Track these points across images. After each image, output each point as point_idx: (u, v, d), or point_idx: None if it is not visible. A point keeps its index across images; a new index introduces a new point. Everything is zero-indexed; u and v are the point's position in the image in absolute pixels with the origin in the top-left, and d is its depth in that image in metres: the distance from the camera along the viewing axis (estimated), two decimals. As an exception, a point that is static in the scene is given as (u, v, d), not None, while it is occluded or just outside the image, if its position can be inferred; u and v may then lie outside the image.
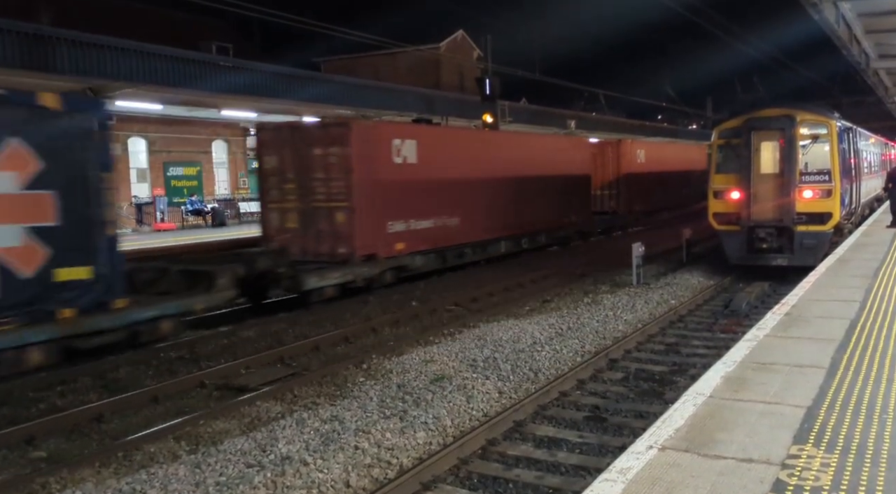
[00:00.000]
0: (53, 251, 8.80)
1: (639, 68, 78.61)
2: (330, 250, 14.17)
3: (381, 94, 27.72)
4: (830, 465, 3.83)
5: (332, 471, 6.30)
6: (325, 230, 14.20)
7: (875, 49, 18.45)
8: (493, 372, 9.21)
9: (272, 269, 12.71)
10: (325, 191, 14.19)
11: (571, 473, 6.33)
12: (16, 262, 8.50)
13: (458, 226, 17.10)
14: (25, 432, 7.45)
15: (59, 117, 9.03)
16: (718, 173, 15.55)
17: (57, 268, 8.86)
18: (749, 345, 6.46)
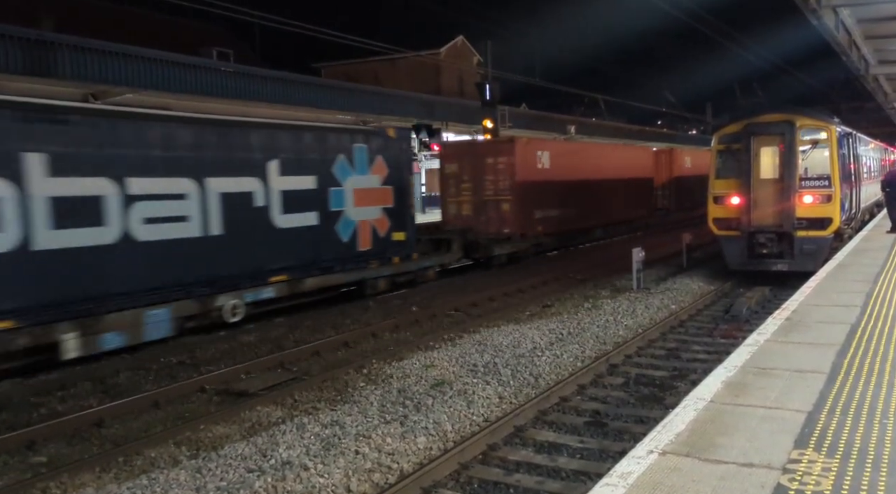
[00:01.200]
0: (392, 222, 15.33)
1: (639, 74, 78.76)
2: (497, 230, 19.93)
3: (382, 100, 27.74)
4: (831, 470, 3.83)
5: (332, 476, 6.29)
6: (493, 216, 20.02)
7: (874, 55, 18.50)
8: (493, 377, 9.21)
9: (475, 240, 19.15)
10: (494, 188, 20.00)
11: (572, 478, 6.32)
12: (378, 228, 14.98)
13: (572, 216, 22.47)
14: (26, 437, 7.45)
15: (394, 142, 15.50)
16: (718, 178, 15.56)
17: (393, 232, 15.39)
18: (750, 350, 6.46)
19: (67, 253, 9.41)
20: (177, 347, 11.12)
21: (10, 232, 8.82)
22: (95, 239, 9.79)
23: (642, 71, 70.70)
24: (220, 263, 11.47)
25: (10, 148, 8.90)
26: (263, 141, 12.36)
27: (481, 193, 20.08)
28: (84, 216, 9.60)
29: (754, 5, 59.65)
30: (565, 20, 66.37)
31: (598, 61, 53.81)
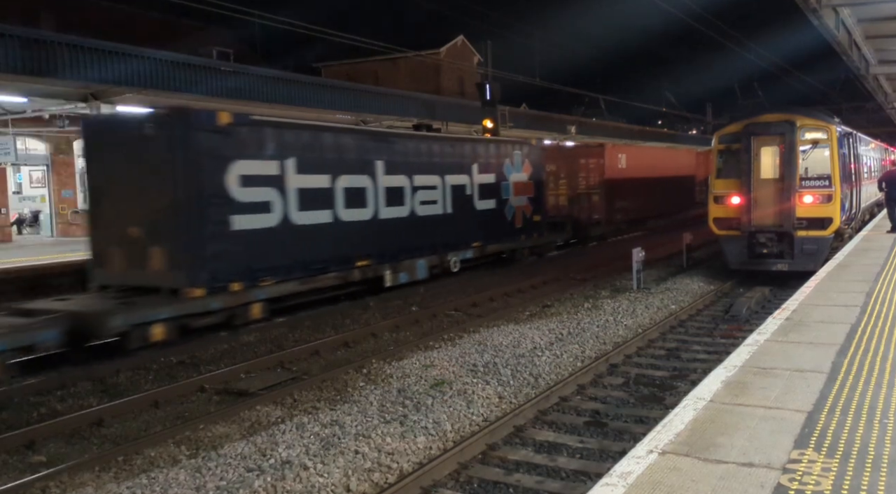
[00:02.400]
0: (533, 207, 20.40)
1: (639, 74, 78.82)
2: (588, 217, 24.96)
3: (382, 100, 27.73)
4: (831, 470, 3.83)
5: (332, 476, 6.29)
6: (585, 206, 24.92)
7: (875, 55, 18.51)
8: (493, 377, 9.21)
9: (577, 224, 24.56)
10: (586, 184, 25.01)
11: (572, 478, 6.31)
12: (525, 211, 20.05)
13: (639, 205, 27.38)
14: (25, 437, 7.44)
15: (535, 148, 21.06)
16: (719, 178, 15.57)
17: (534, 215, 20.50)
18: (750, 350, 6.46)
19: (387, 223, 15.27)
20: (177, 347, 11.11)
21: (368, 208, 14.82)
22: (398, 214, 15.58)
23: (643, 71, 70.71)
24: (449, 232, 17.13)
25: (370, 158, 14.85)
26: (470, 150, 18.38)
27: (576, 187, 25.11)
28: (394, 200, 15.45)
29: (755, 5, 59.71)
30: (566, 20, 66.35)
31: (598, 61, 53.83)
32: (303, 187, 13.05)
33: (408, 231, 15.69)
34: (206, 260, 11.26)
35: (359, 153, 14.63)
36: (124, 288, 11.51)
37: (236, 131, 11.80)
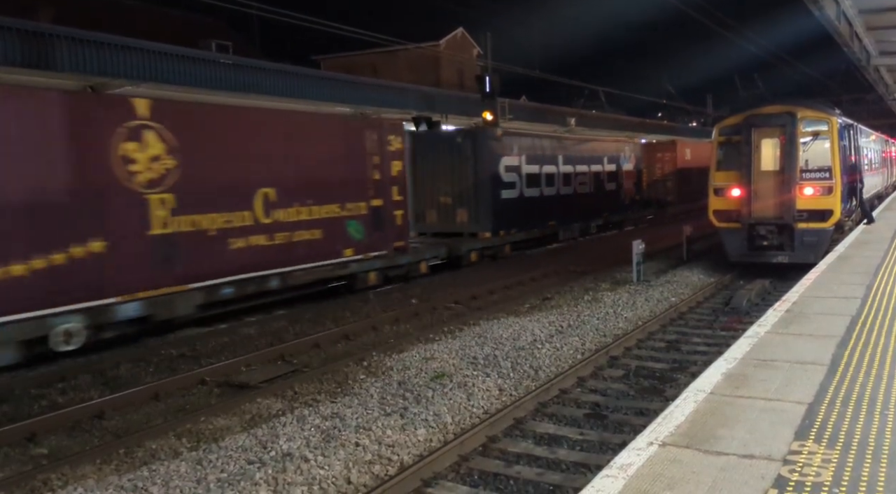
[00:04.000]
0: (635, 189, 28.73)
1: (639, 65, 78.63)
2: (662, 198, 31.87)
3: (381, 92, 27.66)
4: (832, 461, 3.83)
5: (332, 468, 6.30)
6: (661, 189, 31.93)
7: (876, 46, 18.42)
8: (493, 369, 9.22)
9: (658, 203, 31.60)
10: (661, 173, 32.24)
11: (572, 470, 6.33)
12: (630, 192, 28.14)
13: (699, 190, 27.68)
14: (27, 429, 7.46)
15: (637, 144, 29.75)
16: (719, 170, 15.54)
17: (635, 195, 28.64)
18: (750, 342, 6.46)
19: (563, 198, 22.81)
20: (177, 340, 11.12)
21: (555, 187, 22.41)
22: (568, 192, 23.25)
23: (642, 62, 70.52)
24: (591, 206, 24.42)
25: (555, 153, 22.73)
26: (601, 146, 26.17)
27: (655, 175, 31.84)
28: (567, 181, 22.90)
29: (755, -4, 59.49)
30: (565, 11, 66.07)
31: (597, 53, 53.68)
32: (528, 173, 21.19)
33: (572, 203, 23.50)
34: (490, 216, 19.32)
35: (552, 150, 22.77)
36: (436, 234, 19.22)
37: (502, 139, 20.27)
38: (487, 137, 19.44)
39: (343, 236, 13.95)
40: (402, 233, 15.73)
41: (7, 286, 8.67)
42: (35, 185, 9.11)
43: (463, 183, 19.01)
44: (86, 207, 9.64)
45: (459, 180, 19.03)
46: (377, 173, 14.79)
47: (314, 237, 13.25)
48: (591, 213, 24.66)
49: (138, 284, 10.20)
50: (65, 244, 9.34)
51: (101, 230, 9.77)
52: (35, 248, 9.03)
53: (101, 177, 9.85)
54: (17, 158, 8.98)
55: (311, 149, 13.40)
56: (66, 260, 9.35)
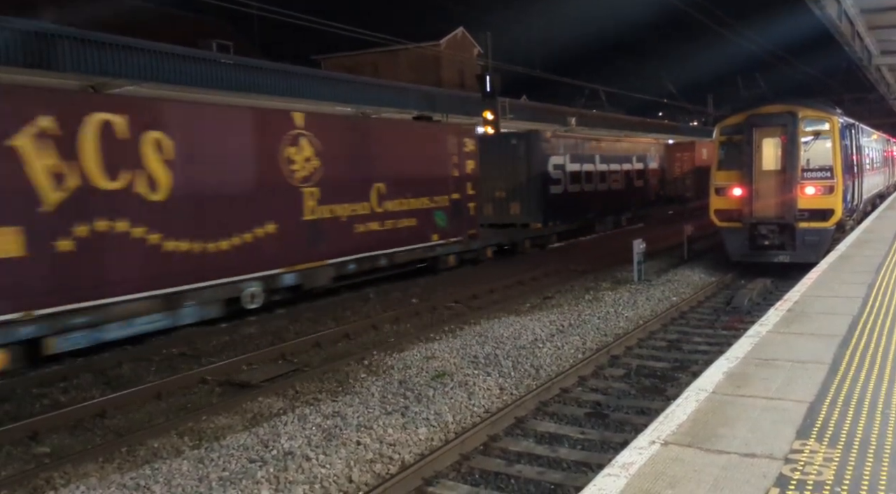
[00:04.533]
0: (659, 186, 31.56)
1: (640, 65, 78.46)
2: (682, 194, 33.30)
3: (382, 92, 27.67)
4: (833, 460, 3.83)
5: (334, 466, 6.31)
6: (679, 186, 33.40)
7: (877, 45, 18.42)
8: (494, 368, 9.22)
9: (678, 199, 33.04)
10: (681, 171, 33.53)
11: (573, 469, 6.33)
12: (655, 188, 31.02)
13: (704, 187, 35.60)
14: (29, 428, 7.47)
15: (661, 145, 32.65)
16: (720, 170, 15.54)
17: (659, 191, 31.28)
18: (751, 341, 6.46)
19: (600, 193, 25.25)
20: (178, 339, 11.14)
21: (593, 183, 24.48)
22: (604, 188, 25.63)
23: (643, 61, 70.37)
24: (621, 201, 26.94)
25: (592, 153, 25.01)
26: (631, 147, 28.80)
27: (675, 173, 33.20)
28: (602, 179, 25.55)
29: (756, -5, 59.41)
30: (565, 11, 66.05)
31: (598, 52, 53.65)
32: (571, 171, 23.55)
33: (606, 198, 25.77)
34: (541, 209, 21.63)
35: (591, 150, 25.10)
36: (491, 225, 20.67)
37: (550, 141, 22.63)
38: (539, 139, 22.08)
39: (431, 224, 16.52)
40: (474, 222, 18.27)
41: (216, 258, 11.22)
42: (238, 181, 11.74)
43: (516, 179, 21.51)
44: (265, 198, 12.18)
45: (513, 177, 21.48)
46: (456, 171, 17.42)
47: (411, 224, 15.83)
48: (622, 207, 27.28)
49: (295, 259, 12.81)
50: (252, 226, 11.91)
51: (274, 216, 12.34)
52: (235, 230, 11.58)
53: (274, 175, 12.37)
54: (232, 161, 11.66)
55: (410, 151, 16.02)
56: (252, 239, 11.90)
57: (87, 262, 9.41)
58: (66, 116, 9.22)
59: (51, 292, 8.98)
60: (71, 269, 9.23)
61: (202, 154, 11.10)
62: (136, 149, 10.10)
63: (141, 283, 10.06)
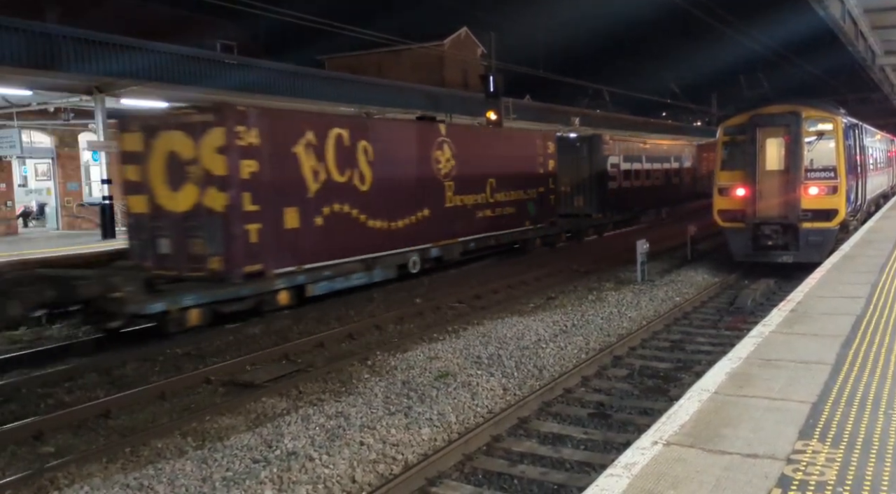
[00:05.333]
0: (692, 183, 34.74)
1: (643, 65, 78.36)
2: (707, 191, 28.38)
3: (386, 92, 27.69)
4: (835, 460, 3.84)
5: (337, 467, 6.32)
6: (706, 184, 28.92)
7: (881, 45, 18.40)
8: (497, 369, 9.23)
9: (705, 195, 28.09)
10: (706, 169, 33.05)
11: (576, 469, 6.34)
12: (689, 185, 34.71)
13: None
14: (33, 428, 7.50)
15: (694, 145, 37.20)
16: (724, 170, 15.52)
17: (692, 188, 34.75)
18: (754, 342, 6.46)
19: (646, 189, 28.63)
20: (182, 339, 11.16)
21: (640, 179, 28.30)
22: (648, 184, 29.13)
23: (647, 61, 70.29)
24: (661, 196, 30.01)
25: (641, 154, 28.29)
26: (670, 147, 31.67)
27: (702, 171, 34.89)
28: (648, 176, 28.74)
29: (760, -5, 59.31)
30: (569, 11, 66.06)
31: (601, 52, 53.60)
32: (624, 169, 26.62)
33: (650, 194, 28.72)
34: (600, 202, 24.83)
35: (639, 151, 28.31)
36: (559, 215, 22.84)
37: (608, 143, 25.58)
38: (599, 141, 25.31)
39: (525, 212, 20.12)
40: (554, 211, 21.86)
41: (395, 233, 15.04)
42: (408, 176, 15.51)
43: (580, 176, 24.77)
44: (423, 189, 15.97)
45: (577, 174, 24.65)
46: (542, 169, 21.09)
47: (512, 212, 19.42)
48: (661, 202, 30.43)
49: (439, 237, 16.47)
50: (415, 211, 15.67)
51: (428, 204, 16.11)
52: (406, 213, 15.37)
53: (428, 172, 16.18)
54: (404, 161, 15.38)
55: (511, 152, 19.80)
56: (415, 220, 15.67)
57: (329, 233, 13.21)
58: (320, 131, 13.10)
59: (311, 253, 12.84)
60: (321, 238, 13.05)
61: (388, 156, 14.80)
62: (353, 154, 13.88)
63: (356, 250, 13.85)
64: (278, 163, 12.20)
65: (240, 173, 11.47)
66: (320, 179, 12.98)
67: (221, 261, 11.46)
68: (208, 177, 11.47)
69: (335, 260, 13.33)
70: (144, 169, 12.11)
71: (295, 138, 12.52)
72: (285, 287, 12.35)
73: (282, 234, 12.23)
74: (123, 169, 12.65)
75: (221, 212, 11.40)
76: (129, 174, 12.47)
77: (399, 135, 15.74)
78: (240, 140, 11.48)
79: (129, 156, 12.39)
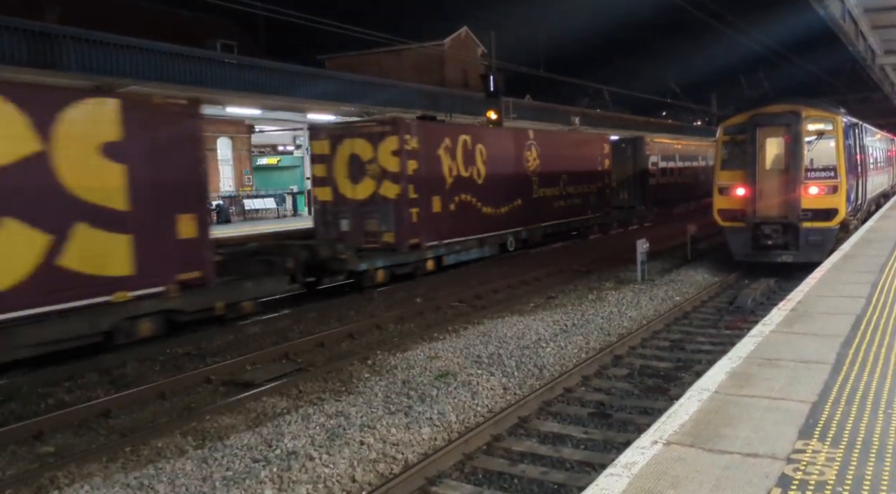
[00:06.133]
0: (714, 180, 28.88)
1: (643, 64, 78.30)
2: None
3: (386, 91, 27.71)
4: (835, 460, 3.84)
5: (337, 466, 6.33)
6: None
7: (881, 45, 18.39)
8: (497, 368, 9.23)
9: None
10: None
11: (576, 468, 6.34)
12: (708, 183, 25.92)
13: None
14: (34, 427, 7.51)
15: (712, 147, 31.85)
16: (724, 170, 15.51)
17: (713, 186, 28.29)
18: (754, 341, 6.46)
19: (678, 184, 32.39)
20: (183, 339, 11.17)
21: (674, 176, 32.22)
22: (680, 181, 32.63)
23: (647, 61, 70.25)
24: (688, 191, 32.59)
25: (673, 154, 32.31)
26: (696, 148, 35.10)
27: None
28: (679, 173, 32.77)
29: (760, -6, 59.28)
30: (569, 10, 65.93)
31: (601, 51, 53.53)
32: (662, 167, 29.94)
33: (680, 189, 31.73)
34: (643, 195, 28.36)
35: (672, 151, 31.20)
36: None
37: (649, 144, 29.13)
38: (642, 143, 29.16)
39: (588, 203, 24.12)
40: (609, 203, 25.83)
41: (499, 218, 19.07)
42: (507, 173, 19.55)
43: (626, 173, 28.24)
44: (517, 183, 20.01)
45: (623, 172, 28.02)
46: (600, 167, 25.09)
47: (578, 202, 23.49)
48: (690, 196, 33.08)
49: (527, 222, 20.43)
50: (512, 200, 19.71)
51: (520, 195, 20.08)
52: (506, 202, 19.43)
53: (520, 169, 20.27)
54: (505, 160, 19.48)
55: (579, 152, 23.99)
56: (512, 208, 19.67)
57: (458, 217, 17.31)
58: (453, 138, 17.31)
59: (448, 231, 16.94)
60: (453, 220, 17.13)
61: (495, 157, 18.90)
62: (473, 155, 18.04)
63: (474, 230, 17.99)
64: (429, 162, 16.24)
65: (407, 170, 15.46)
66: (453, 174, 17.25)
67: (393, 236, 15.46)
68: (384, 173, 15.43)
69: (462, 238, 17.60)
70: (330, 167, 16.01)
71: (438, 143, 16.69)
72: (432, 256, 16.63)
73: (430, 216, 16.30)
74: (313, 167, 16.85)
75: (394, 199, 15.44)
76: (316, 171, 16.50)
77: (502, 139, 19.97)
78: (407, 145, 15.45)
79: (318, 158, 16.38)
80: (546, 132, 24.10)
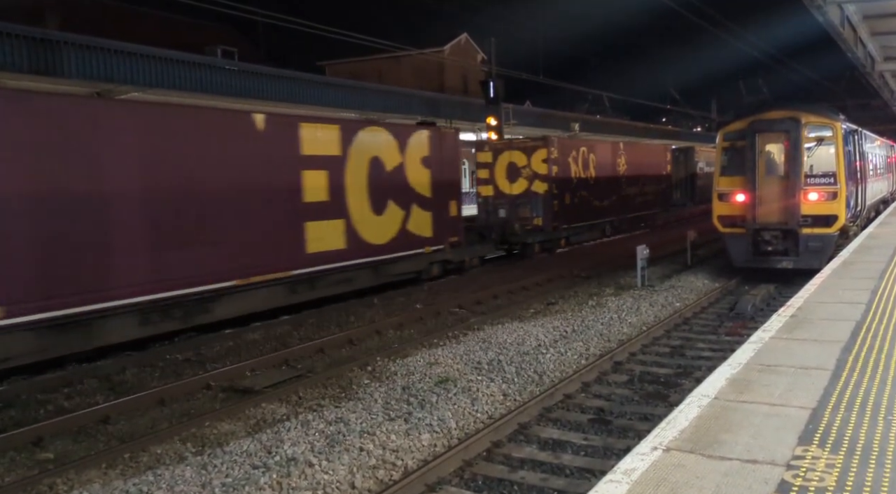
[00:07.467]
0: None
1: (642, 70, 78.48)
2: None
3: (386, 98, 27.78)
4: (835, 466, 3.83)
5: (337, 472, 6.31)
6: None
7: (881, 51, 18.41)
8: (497, 374, 9.22)
9: None
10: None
11: (576, 475, 6.33)
12: None
13: None
14: (33, 433, 7.49)
15: None
16: (723, 176, 15.53)
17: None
18: (754, 347, 6.46)
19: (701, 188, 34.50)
20: (183, 344, 11.17)
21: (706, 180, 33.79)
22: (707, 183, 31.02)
23: (646, 67, 70.44)
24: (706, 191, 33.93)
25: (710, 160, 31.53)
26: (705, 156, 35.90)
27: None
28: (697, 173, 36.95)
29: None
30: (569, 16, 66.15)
31: (601, 58, 53.70)
32: (704, 171, 34.06)
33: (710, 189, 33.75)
34: (691, 194, 33.95)
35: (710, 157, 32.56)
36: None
37: (697, 152, 35.60)
38: (692, 151, 35.39)
39: (656, 200, 29.69)
40: (670, 201, 31.79)
41: (601, 210, 24.53)
42: (608, 175, 24.65)
43: (678, 176, 33.66)
44: (612, 185, 25.30)
45: (676, 175, 33.34)
46: (664, 171, 30.87)
47: (650, 199, 29.11)
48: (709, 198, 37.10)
49: (619, 213, 26.05)
50: (611, 196, 25.29)
51: (615, 193, 25.58)
52: (606, 197, 24.68)
53: (613, 172, 25.48)
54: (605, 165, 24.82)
55: (650, 159, 29.70)
56: (610, 202, 24.96)
57: (578, 208, 22.92)
58: (577, 148, 23.05)
59: (572, 218, 22.60)
60: (575, 210, 22.76)
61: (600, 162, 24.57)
62: (588, 161, 23.65)
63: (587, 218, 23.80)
64: (563, 167, 21.94)
65: (552, 173, 21.26)
66: (577, 177, 22.82)
67: (541, 220, 21.24)
68: (535, 175, 21.31)
69: (580, 223, 23.16)
70: (491, 171, 21.90)
71: (569, 153, 22.51)
72: (563, 236, 22.26)
73: (563, 207, 21.79)
74: (477, 171, 22.71)
75: (543, 194, 21.24)
76: (480, 174, 22.41)
77: (604, 149, 25.24)
78: (552, 155, 21.33)
79: (482, 165, 22.30)
80: (631, 143, 30.54)
